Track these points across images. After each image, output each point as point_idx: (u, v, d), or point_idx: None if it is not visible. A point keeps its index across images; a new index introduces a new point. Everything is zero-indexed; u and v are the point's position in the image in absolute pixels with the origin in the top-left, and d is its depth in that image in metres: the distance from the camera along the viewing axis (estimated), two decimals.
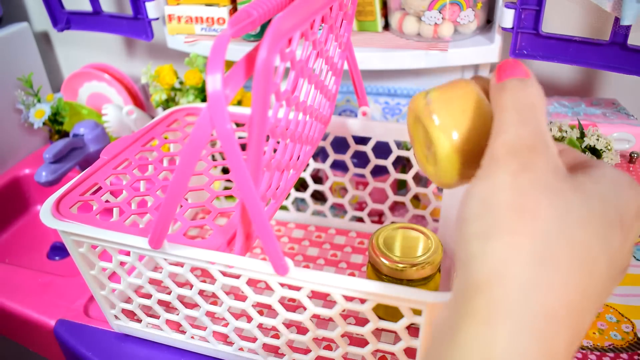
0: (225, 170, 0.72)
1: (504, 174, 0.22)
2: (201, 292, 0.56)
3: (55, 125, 0.85)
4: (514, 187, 0.21)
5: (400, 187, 0.73)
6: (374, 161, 0.61)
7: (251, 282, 0.58)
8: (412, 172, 0.60)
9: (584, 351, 0.47)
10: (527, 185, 0.21)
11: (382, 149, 0.62)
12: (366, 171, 0.62)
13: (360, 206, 0.69)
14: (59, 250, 0.79)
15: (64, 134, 0.86)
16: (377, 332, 0.51)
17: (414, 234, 0.52)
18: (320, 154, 0.70)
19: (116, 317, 0.52)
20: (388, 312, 0.48)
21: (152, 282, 0.48)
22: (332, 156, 0.63)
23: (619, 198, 0.22)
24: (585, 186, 0.22)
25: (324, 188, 0.65)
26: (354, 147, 0.61)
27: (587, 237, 0.20)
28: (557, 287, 0.20)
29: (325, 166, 0.64)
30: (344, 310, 0.39)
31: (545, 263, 0.20)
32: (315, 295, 0.56)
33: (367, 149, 0.60)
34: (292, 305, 0.55)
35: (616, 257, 0.21)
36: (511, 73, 0.25)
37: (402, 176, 0.61)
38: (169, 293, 0.46)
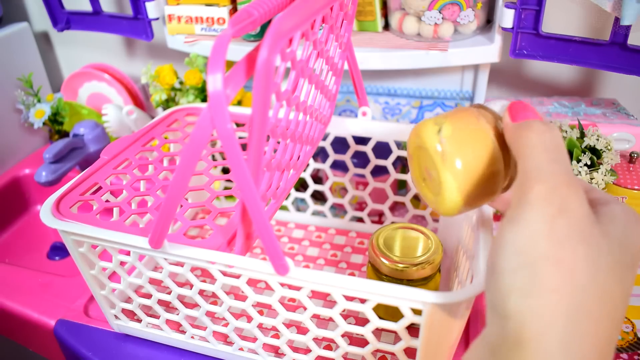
0: (225, 170, 0.72)
1: (540, 221, 0.22)
2: (201, 292, 0.56)
3: (55, 125, 0.85)
4: (551, 237, 0.21)
5: (400, 187, 0.73)
6: (374, 161, 0.61)
7: (251, 282, 0.58)
8: None
9: None
10: (564, 232, 0.22)
11: (382, 149, 0.62)
12: (366, 171, 0.62)
13: (360, 206, 0.69)
14: (59, 250, 0.79)
15: (64, 134, 0.86)
16: (377, 332, 0.51)
17: (414, 234, 0.52)
18: (320, 154, 0.70)
19: (116, 317, 0.52)
20: (388, 312, 0.48)
21: (152, 282, 0.48)
22: (332, 156, 0.63)
23: (630, 238, 0.23)
24: (609, 229, 0.23)
25: (324, 188, 0.65)
26: (354, 147, 0.61)
27: (612, 284, 0.21)
28: (592, 338, 0.21)
29: (325, 166, 0.64)
30: (344, 310, 0.40)
31: (581, 316, 0.21)
32: (315, 295, 0.56)
33: (367, 149, 0.60)
34: (292, 305, 0.55)
35: (629, 296, 0.22)
36: (525, 114, 0.26)
37: (402, 176, 0.61)
38: (169, 293, 0.46)
